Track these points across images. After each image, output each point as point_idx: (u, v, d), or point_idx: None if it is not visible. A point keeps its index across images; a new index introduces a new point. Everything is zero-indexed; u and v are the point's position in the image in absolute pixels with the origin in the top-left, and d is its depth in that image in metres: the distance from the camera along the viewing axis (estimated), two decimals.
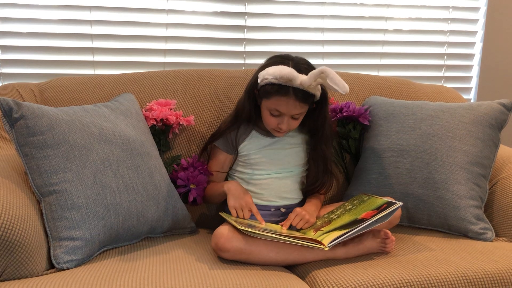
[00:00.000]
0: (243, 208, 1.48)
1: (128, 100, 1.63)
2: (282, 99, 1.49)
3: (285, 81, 1.46)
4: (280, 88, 1.48)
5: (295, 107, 1.50)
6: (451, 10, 2.39)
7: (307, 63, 1.54)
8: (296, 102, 1.49)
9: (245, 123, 1.63)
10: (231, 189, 1.52)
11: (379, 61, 2.35)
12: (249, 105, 1.59)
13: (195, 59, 2.13)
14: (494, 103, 1.74)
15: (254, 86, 1.56)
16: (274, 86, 1.48)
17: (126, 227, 1.39)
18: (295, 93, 1.48)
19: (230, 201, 1.50)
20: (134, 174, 1.42)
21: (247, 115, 1.60)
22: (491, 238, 1.59)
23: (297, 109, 1.52)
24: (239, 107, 1.63)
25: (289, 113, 1.52)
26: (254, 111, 1.60)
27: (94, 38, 2.00)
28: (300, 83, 1.46)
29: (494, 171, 1.74)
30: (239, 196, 1.50)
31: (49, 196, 1.29)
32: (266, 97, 1.52)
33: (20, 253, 1.15)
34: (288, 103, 1.49)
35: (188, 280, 1.19)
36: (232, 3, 2.13)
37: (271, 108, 1.52)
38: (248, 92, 1.59)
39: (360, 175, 1.78)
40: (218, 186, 1.59)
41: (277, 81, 1.47)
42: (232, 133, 1.62)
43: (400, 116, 1.77)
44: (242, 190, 1.53)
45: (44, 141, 1.29)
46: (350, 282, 1.25)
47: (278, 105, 1.50)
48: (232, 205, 1.49)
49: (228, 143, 1.63)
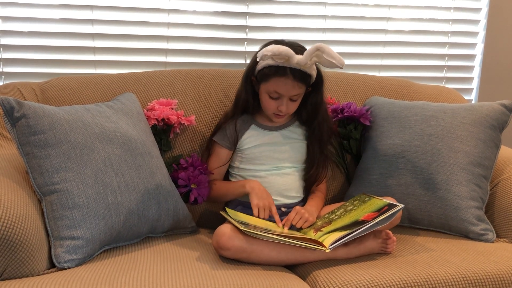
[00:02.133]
0: (265, 208, 1.50)
1: (129, 99, 1.63)
2: (280, 80, 1.52)
3: (282, 60, 1.49)
4: (278, 69, 1.51)
5: (293, 87, 1.53)
6: (452, 11, 2.39)
7: (299, 45, 1.58)
8: (295, 82, 1.52)
9: (244, 116, 1.65)
10: (255, 188, 1.54)
11: (380, 61, 2.35)
12: (246, 93, 1.62)
13: (197, 59, 2.13)
14: (495, 104, 1.74)
15: (251, 72, 1.60)
16: (271, 68, 1.52)
17: (127, 227, 1.39)
18: (293, 73, 1.51)
19: (254, 200, 1.51)
20: (135, 174, 1.42)
21: (244, 103, 1.63)
22: (492, 239, 1.59)
23: (296, 89, 1.54)
24: (237, 97, 1.67)
25: (288, 94, 1.55)
26: (252, 99, 1.62)
27: (96, 38, 2.00)
28: (296, 62, 1.49)
29: (495, 172, 1.74)
30: (263, 196, 1.52)
31: (50, 195, 1.29)
32: (265, 80, 1.55)
33: (21, 252, 1.15)
34: (287, 84, 1.52)
35: (189, 279, 1.19)
36: (233, 3, 2.13)
37: (270, 90, 1.55)
38: (245, 79, 1.62)
39: (361, 175, 1.78)
40: (237, 186, 1.61)
41: (274, 63, 1.50)
42: (231, 127, 1.63)
43: (401, 116, 1.77)
44: (265, 190, 1.55)
45: (45, 140, 1.29)
46: (351, 283, 1.25)
47: (277, 86, 1.53)
48: (256, 204, 1.50)
49: (227, 138, 1.64)
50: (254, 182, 1.57)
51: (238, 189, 1.59)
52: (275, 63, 1.51)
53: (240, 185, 1.59)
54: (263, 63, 1.53)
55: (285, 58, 1.48)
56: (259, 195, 1.52)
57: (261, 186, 1.57)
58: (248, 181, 1.59)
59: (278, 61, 1.50)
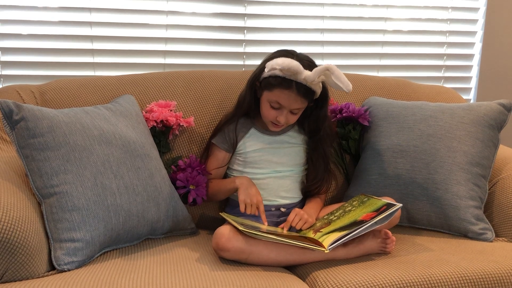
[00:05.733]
0: (252, 204, 1.49)
1: (128, 101, 1.63)
2: (284, 92, 1.52)
3: (290, 74, 1.49)
4: (283, 81, 1.51)
5: (296, 101, 1.53)
6: (450, 11, 2.40)
7: (309, 59, 1.58)
8: (298, 97, 1.52)
9: (243, 119, 1.65)
10: (243, 184, 1.54)
11: (378, 61, 2.36)
12: (250, 96, 1.62)
13: (195, 60, 2.13)
14: (494, 104, 1.75)
15: (257, 77, 1.59)
16: (277, 78, 1.51)
17: (126, 229, 1.39)
18: (298, 87, 1.51)
19: (241, 195, 1.51)
20: (135, 176, 1.42)
21: (247, 106, 1.63)
22: (491, 238, 1.59)
23: (298, 103, 1.54)
24: (240, 99, 1.66)
25: (289, 107, 1.54)
26: (254, 103, 1.62)
27: (94, 40, 2.00)
28: (304, 78, 1.48)
29: (493, 171, 1.74)
30: (251, 193, 1.51)
31: (50, 198, 1.29)
32: (268, 88, 1.54)
33: (21, 255, 1.15)
34: (290, 97, 1.52)
35: (188, 281, 1.20)
36: (231, 4, 2.14)
37: (272, 100, 1.54)
38: (251, 84, 1.61)
39: (360, 175, 1.78)
40: (227, 182, 1.61)
41: (281, 74, 1.49)
42: (231, 130, 1.63)
43: (400, 116, 1.78)
44: (255, 187, 1.54)
45: (44, 143, 1.30)
46: (351, 283, 1.25)
47: (279, 97, 1.53)
48: (243, 200, 1.50)
49: (226, 140, 1.64)
50: (244, 178, 1.57)
51: (229, 185, 1.59)
52: (282, 75, 1.50)
53: (231, 181, 1.59)
54: (270, 71, 1.52)
55: (294, 73, 1.48)
56: (247, 191, 1.51)
57: (250, 182, 1.56)
58: (239, 177, 1.59)
59: (286, 73, 1.49)
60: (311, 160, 1.66)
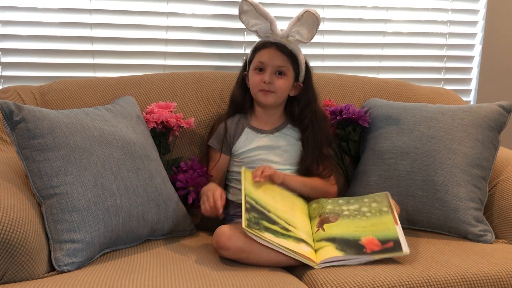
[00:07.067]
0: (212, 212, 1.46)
1: (128, 102, 1.63)
2: (264, 51, 1.62)
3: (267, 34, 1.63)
4: (264, 43, 1.63)
5: (276, 56, 1.60)
6: (450, 13, 2.40)
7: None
8: (278, 52, 1.60)
9: (237, 119, 1.67)
10: (202, 194, 1.52)
11: (378, 63, 2.36)
12: (241, 90, 1.69)
13: (195, 61, 2.13)
14: (494, 105, 1.75)
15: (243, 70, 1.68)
16: (257, 44, 1.65)
17: (126, 230, 1.39)
18: (276, 45, 1.61)
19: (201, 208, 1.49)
20: (135, 177, 1.43)
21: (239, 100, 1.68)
22: (491, 240, 1.59)
23: (279, 59, 1.61)
24: (232, 96, 1.72)
25: (271, 62, 1.60)
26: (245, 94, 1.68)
27: (95, 41, 2.00)
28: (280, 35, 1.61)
29: (493, 173, 1.74)
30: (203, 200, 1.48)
31: (50, 199, 1.29)
32: (251, 59, 1.65)
33: (21, 255, 1.15)
34: (270, 52, 1.61)
35: (188, 282, 1.20)
36: (231, 6, 2.13)
37: (256, 65, 1.63)
38: (239, 78, 1.71)
39: (360, 177, 1.78)
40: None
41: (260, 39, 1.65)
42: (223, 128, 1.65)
43: (400, 118, 1.78)
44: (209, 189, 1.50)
45: (44, 144, 1.30)
46: (350, 284, 1.25)
47: (261, 57, 1.62)
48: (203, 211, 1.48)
49: (221, 141, 1.65)
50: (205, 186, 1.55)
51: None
52: (261, 39, 1.64)
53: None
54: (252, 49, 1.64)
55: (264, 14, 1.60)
56: (203, 200, 1.48)
57: (204, 187, 1.53)
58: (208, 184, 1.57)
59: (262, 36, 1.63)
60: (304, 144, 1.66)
